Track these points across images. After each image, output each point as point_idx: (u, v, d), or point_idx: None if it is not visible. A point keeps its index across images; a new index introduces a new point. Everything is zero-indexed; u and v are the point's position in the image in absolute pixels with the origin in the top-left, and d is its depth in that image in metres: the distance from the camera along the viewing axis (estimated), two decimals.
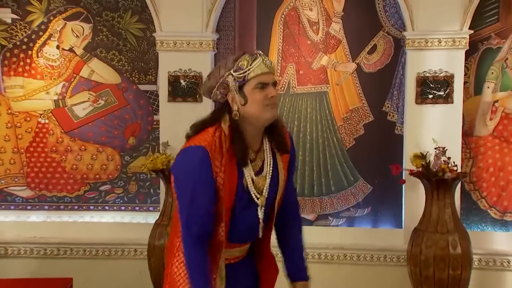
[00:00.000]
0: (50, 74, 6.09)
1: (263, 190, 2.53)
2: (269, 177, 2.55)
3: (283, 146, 2.59)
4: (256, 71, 2.45)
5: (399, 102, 5.82)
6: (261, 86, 2.46)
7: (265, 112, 2.46)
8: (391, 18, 5.80)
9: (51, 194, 6.19)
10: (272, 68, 2.49)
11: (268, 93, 2.46)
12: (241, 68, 2.45)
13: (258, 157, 2.56)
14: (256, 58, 2.47)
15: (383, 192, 5.87)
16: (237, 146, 2.44)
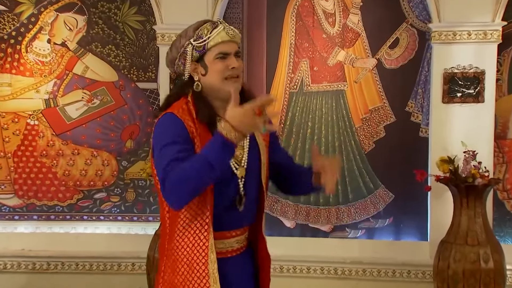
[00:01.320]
0: (40, 71, 6.07)
1: (242, 161, 2.60)
2: (247, 147, 2.61)
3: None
4: (216, 39, 2.51)
5: (424, 101, 5.79)
6: (221, 56, 2.52)
7: (226, 84, 2.52)
8: (415, 8, 5.78)
9: (41, 203, 6.17)
10: (234, 37, 2.56)
11: (229, 64, 2.52)
12: (201, 37, 2.52)
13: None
14: (217, 26, 2.54)
15: (406, 200, 5.84)
16: (203, 111, 2.51)
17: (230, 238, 2.65)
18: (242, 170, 2.60)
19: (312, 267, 5.78)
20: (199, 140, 2.49)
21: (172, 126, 2.49)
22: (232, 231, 2.65)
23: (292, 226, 5.99)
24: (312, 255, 5.80)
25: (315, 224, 5.94)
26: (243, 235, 2.70)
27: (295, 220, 5.98)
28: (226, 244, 2.64)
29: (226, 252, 2.64)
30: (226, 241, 2.63)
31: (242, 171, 2.60)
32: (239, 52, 2.58)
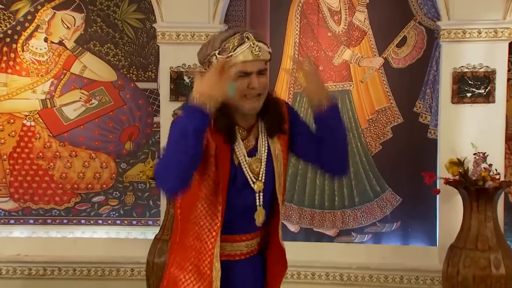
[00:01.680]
0: (37, 70, 6.05)
1: (259, 174, 2.62)
2: (264, 160, 2.64)
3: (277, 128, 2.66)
4: (239, 58, 2.51)
5: (433, 101, 5.78)
6: (242, 75, 2.52)
7: (244, 102, 2.54)
8: (424, 6, 5.76)
9: (37, 206, 6.14)
10: (259, 56, 2.54)
11: (249, 83, 2.52)
12: (225, 51, 2.52)
13: (251, 135, 2.65)
14: (244, 43, 2.52)
15: (414, 204, 5.81)
16: (221, 120, 2.53)
17: (240, 241, 2.68)
18: (260, 185, 2.62)
19: (317, 273, 5.77)
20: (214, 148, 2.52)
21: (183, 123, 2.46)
22: (243, 235, 2.68)
23: (296, 231, 5.96)
24: (317, 260, 5.77)
25: (320, 228, 5.92)
26: (254, 239, 2.71)
27: (299, 224, 5.96)
28: (235, 247, 2.67)
29: (234, 255, 2.68)
30: (235, 244, 2.67)
31: (260, 185, 2.62)
32: (263, 70, 2.57)
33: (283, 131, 2.68)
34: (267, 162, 2.65)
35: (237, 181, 2.61)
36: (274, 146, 2.67)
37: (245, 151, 2.62)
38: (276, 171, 2.66)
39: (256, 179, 2.62)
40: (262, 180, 2.63)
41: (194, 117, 2.36)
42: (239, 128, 2.61)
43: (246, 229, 2.67)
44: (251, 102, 2.55)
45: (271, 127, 2.65)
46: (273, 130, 2.65)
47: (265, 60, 2.58)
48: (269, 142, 2.67)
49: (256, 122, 2.67)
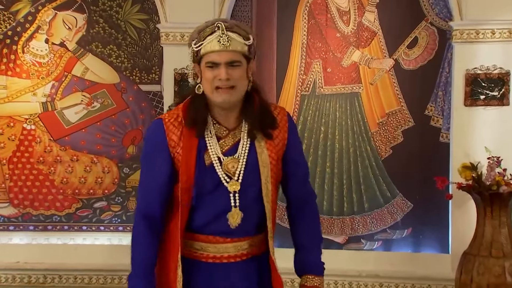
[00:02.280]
0: (37, 72, 6.06)
1: (236, 174, 2.59)
2: (243, 160, 2.59)
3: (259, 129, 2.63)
4: (206, 48, 2.52)
5: (445, 104, 5.77)
6: (210, 65, 2.52)
7: (215, 95, 2.53)
8: (435, 6, 5.76)
9: (37, 212, 6.14)
10: (227, 47, 2.51)
11: (216, 74, 2.51)
12: (199, 41, 2.55)
13: (230, 136, 2.62)
14: (213, 32, 2.52)
15: (426, 210, 5.80)
16: (189, 116, 2.56)
17: (224, 243, 2.64)
18: (234, 184, 2.58)
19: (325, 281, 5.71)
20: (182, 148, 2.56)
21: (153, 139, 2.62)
22: (227, 238, 2.64)
23: None
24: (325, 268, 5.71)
25: (328, 235, 5.88)
26: (244, 242, 2.67)
27: None
28: (220, 249, 2.64)
29: (221, 257, 2.65)
30: (219, 245, 2.64)
31: (234, 184, 2.59)
32: (235, 62, 2.53)
33: (266, 135, 2.63)
34: (250, 165, 2.61)
35: (207, 180, 2.58)
36: (261, 150, 2.62)
37: (220, 150, 2.59)
38: (263, 176, 2.61)
39: (231, 178, 2.59)
40: (238, 180, 2.59)
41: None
42: (220, 127, 2.61)
43: (226, 230, 2.62)
44: (223, 95, 2.52)
45: (252, 127, 2.61)
46: (253, 131, 2.61)
47: (236, 51, 2.53)
48: (255, 146, 2.62)
49: (240, 123, 2.64)
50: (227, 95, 2.53)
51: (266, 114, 2.64)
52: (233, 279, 2.65)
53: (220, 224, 2.60)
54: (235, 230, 2.62)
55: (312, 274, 2.74)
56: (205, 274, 2.64)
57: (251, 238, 2.67)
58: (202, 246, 2.63)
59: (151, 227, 2.60)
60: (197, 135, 2.56)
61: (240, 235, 2.64)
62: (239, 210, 2.59)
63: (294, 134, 2.74)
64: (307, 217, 2.78)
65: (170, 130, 2.57)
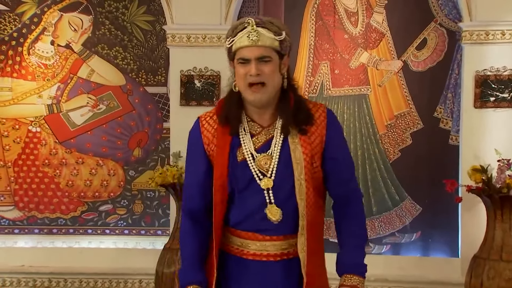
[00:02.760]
0: (43, 74, 6.08)
1: (269, 171, 2.60)
2: (276, 157, 2.61)
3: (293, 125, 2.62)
4: (237, 44, 2.55)
5: (454, 106, 5.78)
6: (241, 62, 2.55)
7: (247, 92, 2.56)
8: (444, 6, 5.77)
9: (42, 216, 6.15)
10: (257, 42, 2.53)
11: (247, 71, 2.54)
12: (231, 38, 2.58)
13: (264, 133, 2.64)
14: (244, 28, 2.55)
15: (435, 213, 5.79)
16: (222, 114, 2.61)
17: (263, 241, 2.64)
18: (267, 181, 2.60)
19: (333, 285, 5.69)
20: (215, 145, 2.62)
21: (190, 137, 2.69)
22: (265, 236, 2.64)
23: None
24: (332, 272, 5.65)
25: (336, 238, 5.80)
26: (286, 241, 2.65)
27: None
28: (260, 246, 2.64)
29: (261, 255, 2.65)
30: (258, 243, 2.64)
31: (267, 182, 2.60)
32: (266, 57, 2.53)
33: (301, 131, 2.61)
34: (283, 162, 2.61)
35: (240, 177, 2.61)
36: (294, 146, 2.61)
37: (253, 146, 2.61)
38: (296, 173, 2.60)
39: (264, 175, 2.60)
40: (271, 177, 2.60)
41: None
42: (254, 124, 2.63)
43: (263, 227, 2.62)
44: (254, 93, 2.54)
45: (286, 123, 2.60)
46: (287, 127, 2.61)
47: (266, 46, 2.54)
48: (288, 142, 2.61)
49: (275, 121, 2.64)
50: (258, 94, 2.54)
51: (301, 110, 2.62)
52: (272, 278, 2.65)
53: (257, 221, 2.62)
54: (272, 228, 2.62)
55: (351, 274, 2.71)
56: (244, 271, 2.66)
57: (291, 238, 2.64)
58: (243, 243, 2.65)
59: (196, 223, 2.68)
60: (231, 133, 2.60)
61: (278, 233, 2.63)
62: (276, 207, 2.60)
63: (335, 131, 2.69)
64: (350, 216, 2.74)
65: (205, 127, 2.63)
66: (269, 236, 2.63)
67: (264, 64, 2.53)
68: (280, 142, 2.61)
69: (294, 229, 2.62)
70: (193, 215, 2.69)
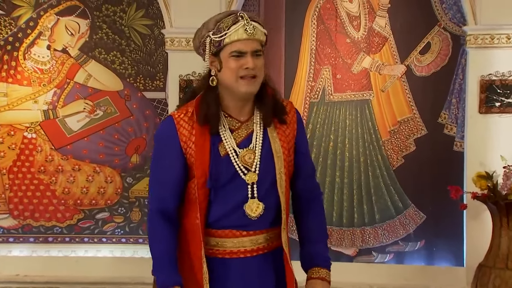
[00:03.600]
0: (39, 79, 6.08)
1: (253, 165, 2.66)
2: (259, 151, 2.68)
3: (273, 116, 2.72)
4: (233, 36, 2.58)
5: (459, 112, 5.78)
6: (236, 55, 2.59)
7: (239, 85, 2.60)
8: (449, 10, 5.77)
9: (38, 224, 6.14)
10: (254, 35, 2.60)
11: (243, 63, 2.59)
12: (219, 31, 2.60)
13: (243, 127, 2.70)
14: (237, 21, 2.59)
15: (439, 221, 5.79)
16: (201, 112, 2.62)
17: (240, 237, 2.70)
18: (252, 176, 2.66)
19: None
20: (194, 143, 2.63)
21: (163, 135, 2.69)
22: (243, 231, 2.71)
23: None
24: (335, 281, 5.45)
25: (338, 247, 5.89)
26: (261, 235, 2.73)
27: None
28: (237, 243, 2.71)
29: (238, 252, 2.71)
30: (235, 240, 2.70)
31: (252, 176, 2.66)
32: (259, 51, 2.62)
33: (281, 120, 2.73)
34: (265, 156, 2.69)
35: (223, 173, 2.65)
36: (273, 139, 2.71)
37: (235, 142, 2.67)
38: (277, 167, 2.69)
39: (248, 170, 2.66)
40: (256, 171, 2.67)
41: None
42: (232, 120, 2.68)
43: (243, 223, 2.69)
44: (246, 84, 2.60)
45: (267, 115, 2.69)
46: (268, 119, 2.70)
47: (260, 40, 2.63)
48: (268, 136, 2.71)
49: (252, 115, 2.72)
50: (252, 86, 2.62)
51: (277, 103, 2.73)
52: (249, 274, 2.71)
53: (237, 216, 2.67)
54: (252, 222, 2.69)
55: (319, 267, 2.80)
56: (220, 270, 2.69)
57: (267, 231, 2.73)
58: (218, 242, 2.70)
59: (167, 221, 2.67)
60: (211, 132, 2.63)
61: (257, 228, 2.71)
62: (258, 201, 2.67)
63: (302, 127, 2.83)
64: (315, 211, 2.84)
65: (181, 125, 2.65)
66: (246, 231, 2.70)
67: (256, 57, 2.61)
68: (261, 135, 2.70)
69: (271, 223, 2.73)
70: (164, 215, 2.68)
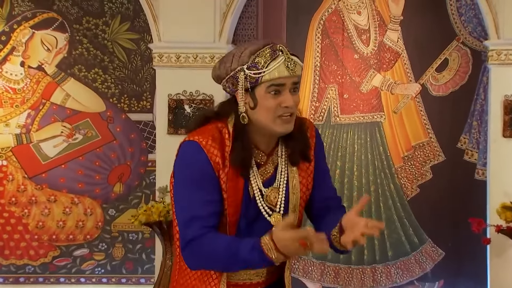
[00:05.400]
0: (11, 100, 6.05)
1: (277, 205, 2.70)
2: (283, 190, 2.71)
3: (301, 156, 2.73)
4: (273, 74, 2.56)
5: (480, 136, 5.80)
6: (274, 91, 2.57)
7: (276, 124, 2.60)
8: (468, 23, 5.80)
9: (8, 262, 6.10)
10: (295, 71, 2.60)
11: (282, 101, 2.57)
12: (256, 67, 2.57)
13: (269, 162, 2.72)
14: (277, 57, 2.57)
15: (460, 258, 5.80)
16: (237, 153, 2.61)
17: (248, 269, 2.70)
18: (277, 216, 2.68)
19: None
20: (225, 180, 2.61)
21: (196, 162, 2.62)
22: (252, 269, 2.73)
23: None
24: None
25: (346, 287, 5.89)
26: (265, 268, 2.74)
27: (321, 282, 5.93)
28: (244, 275, 2.73)
29: (243, 285, 2.75)
30: (243, 271, 2.71)
31: (277, 217, 2.68)
32: (296, 86, 2.62)
33: (307, 159, 2.73)
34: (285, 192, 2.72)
35: (249, 214, 2.68)
36: (292, 175, 2.73)
37: (261, 181, 2.68)
38: (291, 203, 2.71)
39: (273, 211, 2.69)
40: (280, 211, 2.69)
41: (258, 261, 2.51)
42: (258, 152, 2.69)
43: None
44: (285, 124, 2.59)
45: (294, 153, 2.70)
46: (295, 158, 2.71)
47: (299, 76, 2.64)
48: (288, 171, 2.73)
49: (276, 146, 2.72)
50: (288, 125, 2.60)
51: (303, 135, 2.72)
52: None
53: None
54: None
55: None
56: None
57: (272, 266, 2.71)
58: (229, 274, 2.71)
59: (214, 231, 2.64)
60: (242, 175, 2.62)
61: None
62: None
63: (321, 146, 2.83)
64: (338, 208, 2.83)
65: (212, 153, 2.61)
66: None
67: (294, 93, 2.61)
68: (286, 172, 2.71)
69: None
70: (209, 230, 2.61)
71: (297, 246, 2.41)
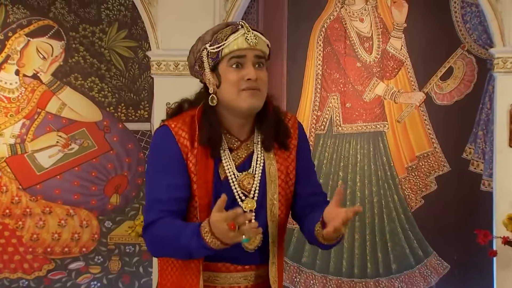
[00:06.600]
0: (5, 109, 6.10)
1: (252, 191, 2.71)
2: (258, 175, 2.73)
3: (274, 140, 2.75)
4: (232, 46, 2.62)
5: (486, 146, 5.81)
6: (235, 64, 2.63)
7: (240, 98, 2.63)
8: (473, 30, 5.82)
9: (1, 276, 6.12)
10: (256, 44, 2.66)
11: (244, 74, 2.62)
12: (217, 42, 2.63)
13: (243, 147, 2.74)
14: (237, 30, 2.64)
15: (465, 271, 5.80)
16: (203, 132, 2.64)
17: (235, 272, 2.74)
18: (250, 202, 2.70)
19: None
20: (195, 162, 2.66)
21: (163, 146, 2.68)
22: (238, 265, 2.74)
23: None
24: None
25: None
26: (253, 271, 2.77)
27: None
28: (230, 279, 2.73)
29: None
30: (229, 275, 2.73)
31: (250, 203, 2.70)
32: (261, 62, 2.67)
33: (284, 146, 2.76)
34: (264, 180, 2.74)
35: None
36: (269, 162, 2.75)
37: (234, 164, 2.71)
38: (269, 192, 2.73)
39: (246, 196, 2.70)
40: (254, 198, 2.70)
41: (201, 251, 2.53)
42: (231, 138, 2.72)
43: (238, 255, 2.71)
44: (249, 99, 2.62)
45: (267, 138, 2.73)
46: (269, 142, 2.73)
47: (262, 51, 2.67)
48: (264, 157, 2.75)
49: (252, 134, 2.76)
50: (253, 99, 2.63)
51: (280, 123, 2.75)
52: None
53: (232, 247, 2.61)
54: (247, 255, 2.71)
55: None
56: None
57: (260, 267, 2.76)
58: (210, 276, 2.71)
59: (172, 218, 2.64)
60: (212, 156, 2.66)
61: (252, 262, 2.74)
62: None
63: (305, 141, 2.86)
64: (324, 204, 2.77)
65: (180, 135, 2.65)
66: (241, 266, 2.74)
67: (259, 69, 2.65)
68: (262, 158, 2.74)
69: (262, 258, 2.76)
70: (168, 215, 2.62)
71: (226, 228, 2.40)
